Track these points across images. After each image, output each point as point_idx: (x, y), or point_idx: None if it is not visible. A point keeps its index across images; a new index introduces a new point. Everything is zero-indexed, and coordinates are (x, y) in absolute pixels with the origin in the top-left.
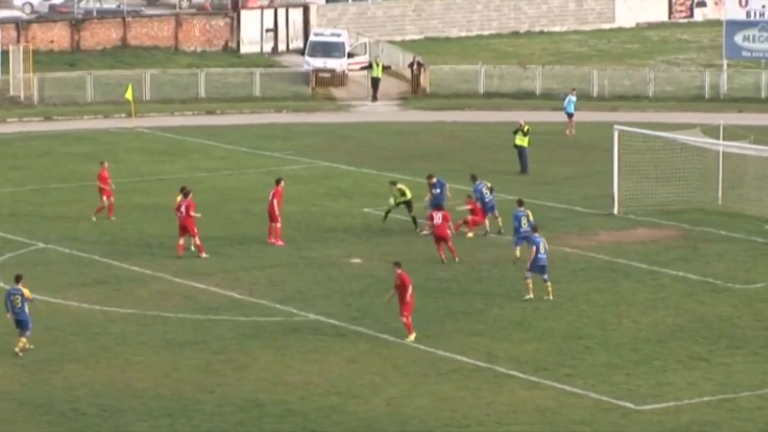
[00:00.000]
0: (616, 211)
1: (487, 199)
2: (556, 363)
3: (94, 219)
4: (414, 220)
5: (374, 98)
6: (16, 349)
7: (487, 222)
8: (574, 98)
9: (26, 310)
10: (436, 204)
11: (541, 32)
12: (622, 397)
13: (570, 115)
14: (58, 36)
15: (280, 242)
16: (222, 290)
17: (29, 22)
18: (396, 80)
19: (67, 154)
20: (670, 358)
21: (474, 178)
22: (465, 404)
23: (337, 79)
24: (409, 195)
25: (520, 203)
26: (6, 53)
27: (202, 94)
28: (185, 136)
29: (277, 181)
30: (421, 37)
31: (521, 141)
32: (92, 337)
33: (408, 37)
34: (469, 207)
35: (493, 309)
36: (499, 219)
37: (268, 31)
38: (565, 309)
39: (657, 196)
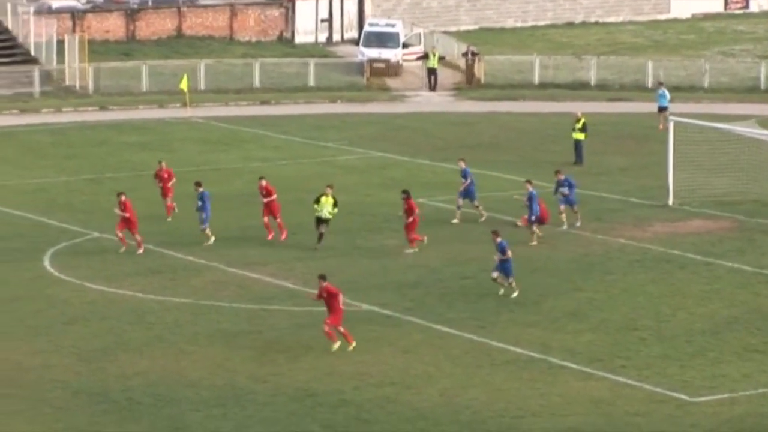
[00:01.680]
0: (671, 202)
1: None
2: (610, 354)
3: (169, 220)
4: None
5: (431, 88)
6: None
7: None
8: (663, 91)
9: None
10: (569, 201)
11: (596, 23)
12: (677, 388)
13: (663, 109)
14: (113, 26)
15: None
16: (276, 280)
17: (85, 12)
18: (450, 70)
19: (122, 144)
20: (724, 350)
21: (558, 173)
22: (519, 395)
23: (392, 69)
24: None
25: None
26: (62, 43)
27: (257, 84)
28: (240, 126)
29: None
30: (476, 27)
31: (578, 134)
32: (147, 327)
33: (463, 28)
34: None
35: (548, 300)
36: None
37: (323, 21)
38: (620, 300)
39: (712, 187)
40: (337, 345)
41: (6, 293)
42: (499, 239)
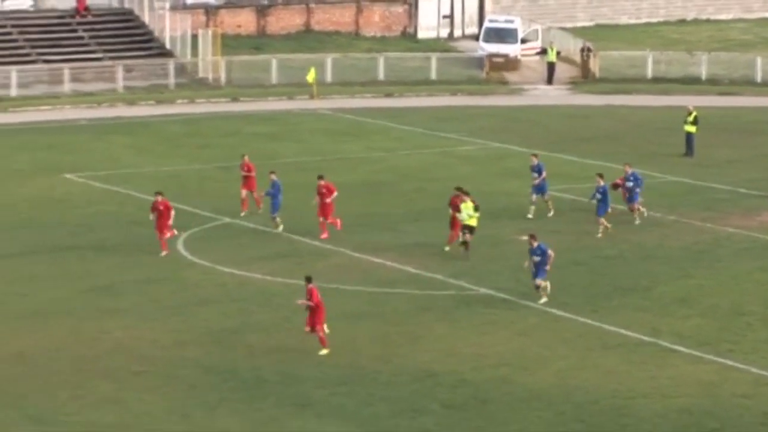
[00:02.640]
0: None
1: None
2: (718, 338)
3: (242, 214)
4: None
5: (549, 81)
6: None
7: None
8: None
9: None
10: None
11: (707, 20)
12: None
13: None
14: (244, 21)
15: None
16: (398, 265)
17: (218, 7)
18: (566, 65)
19: (252, 134)
20: None
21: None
22: (630, 377)
23: (511, 63)
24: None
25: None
26: (195, 37)
27: (381, 77)
28: (364, 118)
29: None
30: (592, 24)
31: (689, 127)
32: (275, 308)
33: (579, 24)
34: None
35: (658, 286)
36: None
37: (444, 17)
38: (728, 287)
39: None
40: (326, 351)
41: (142, 275)
42: (536, 243)
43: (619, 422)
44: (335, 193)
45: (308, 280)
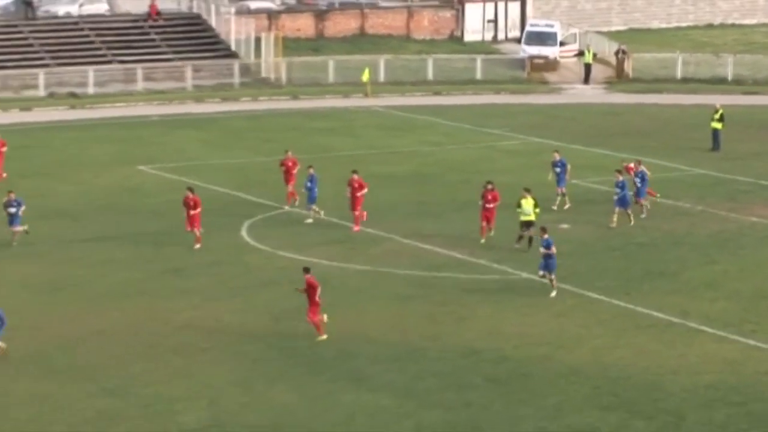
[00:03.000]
0: None
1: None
2: (742, 320)
3: (287, 208)
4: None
5: (586, 81)
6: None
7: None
8: None
9: None
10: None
11: (733, 24)
12: None
13: None
14: (304, 25)
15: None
16: (445, 250)
17: (279, 12)
18: (602, 66)
19: (311, 129)
20: None
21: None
22: (660, 355)
23: (550, 64)
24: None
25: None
26: (259, 40)
27: (430, 77)
28: (414, 114)
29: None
30: (625, 28)
31: (716, 124)
32: (332, 290)
33: (613, 28)
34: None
35: (687, 271)
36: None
37: (489, 21)
38: (751, 272)
39: None
40: (324, 337)
41: (209, 258)
42: (546, 236)
43: (650, 396)
44: (365, 189)
45: (306, 270)
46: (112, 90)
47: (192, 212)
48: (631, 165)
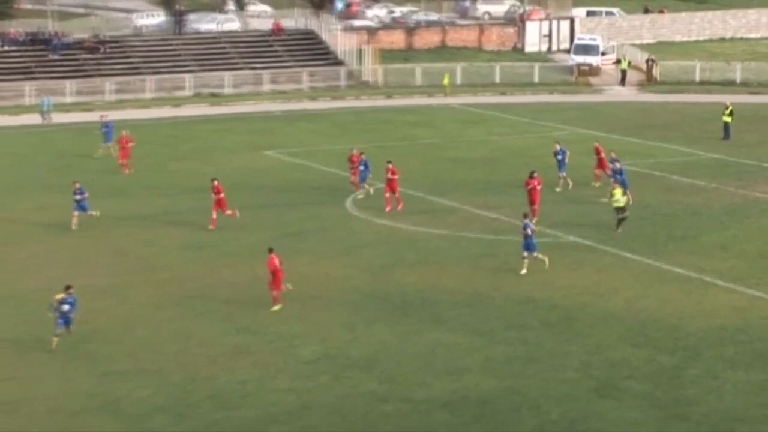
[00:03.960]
0: None
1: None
2: (748, 275)
3: (360, 196)
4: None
5: (622, 84)
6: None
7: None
8: None
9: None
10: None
11: (741, 38)
12: None
13: None
14: (396, 39)
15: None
16: (508, 218)
17: (377, 29)
18: (635, 72)
19: (401, 122)
20: None
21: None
22: (681, 303)
23: (593, 70)
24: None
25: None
26: (361, 51)
27: (497, 80)
28: (484, 110)
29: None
30: (654, 41)
31: (726, 118)
32: (417, 251)
33: (644, 41)
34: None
35: (703, 236)
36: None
37: (544, 36)
38: (755, 237)
39: None
40: (278, 307)
41: (321, 225)
42: (526, 221)
43: (672, 336)
44: (397, 176)
45: (270, 250)
46: (244, 90)
47: (216, 197)
48: (597, 144)
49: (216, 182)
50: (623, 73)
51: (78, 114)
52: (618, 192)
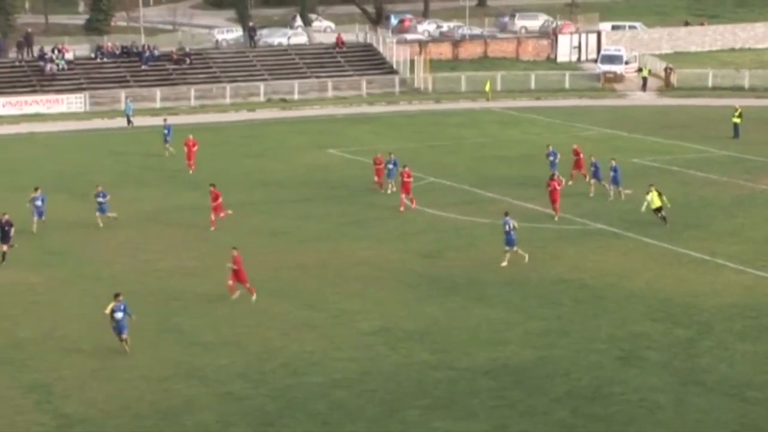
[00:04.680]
0: None
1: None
2: (755, 258)
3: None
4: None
5: (643, 89)
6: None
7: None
8: None
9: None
10: (616, 181)
11: (749, 49)
12: None
13: None
14: (444, 50)
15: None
16: (542, 209)
17: (427, 41)
18: (655, 79)
19: (448, 124)
20: None
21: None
22: (695, 283)
23: (618, 78)
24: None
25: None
26: (412, 61)
27: (533, 87)
28: (521, 113)
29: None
30: (672, 51)
31: (736, 119)
32: (463, 236)
33: (663, 51)
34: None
35: (715, 223)
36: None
37: (574, 47)
38: (762, 224)
39: None
40: (236, 295)
41: (378, 214)
42: (506, 218)
43: (687, 312)
44: (411, 179)
45: (234, 248)
46: (311, 96)
47: (214, 203)
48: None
49: (213, 188)
50: (644, 80)
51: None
52: (654, 195)
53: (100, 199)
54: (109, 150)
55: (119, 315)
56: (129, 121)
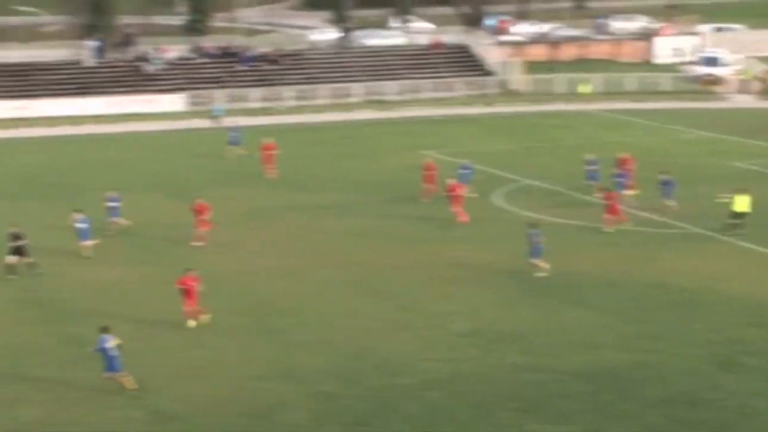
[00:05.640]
0: None
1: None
2: None
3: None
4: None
5: (744, 92)
6: None
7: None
8: None
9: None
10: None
11: None
12: None
13: None
14: (541, 52)
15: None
16: (640, 212)
17: (523, 43)
18: (755, 82)
19: (545, 125)
20: None
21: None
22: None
23: (717, 80)
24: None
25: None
26: (509, 63)
27: (630, 89)
28: (619, 116)
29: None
30: None
31: None
32: (554, 241)
33: (763, 54)
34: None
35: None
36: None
37: (674, 49)
38: None
39: None
40: (193, 323)
41: (472, 216)
42: (531, 231)
43: None
44: (455, 192)
45: (187, 270)
46: (407, 98)
47: (199, 218)
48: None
49: (199, 201)
50: (743, 82)
51: (262, 117)
52: (745, 199)
53: (112, 204)
54: (205, 151)
55: (109, 349)
56: (213, 122)
